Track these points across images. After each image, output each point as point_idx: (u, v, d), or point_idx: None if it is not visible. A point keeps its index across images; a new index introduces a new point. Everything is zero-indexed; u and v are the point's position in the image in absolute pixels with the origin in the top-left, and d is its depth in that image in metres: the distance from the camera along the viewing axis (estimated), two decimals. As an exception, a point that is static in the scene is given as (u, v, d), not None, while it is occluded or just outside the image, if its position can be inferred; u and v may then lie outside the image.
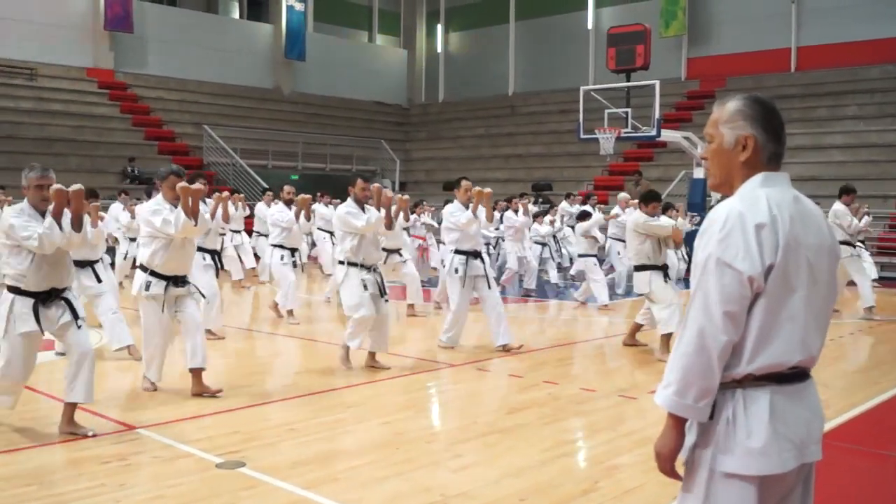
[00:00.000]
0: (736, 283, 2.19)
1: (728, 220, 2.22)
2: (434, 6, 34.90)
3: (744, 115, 2.39)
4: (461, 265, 8.52)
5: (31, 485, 4.55)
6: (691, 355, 2.22)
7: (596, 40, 28.95)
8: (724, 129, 2.40)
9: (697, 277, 2.25)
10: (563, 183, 23.98)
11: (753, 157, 2.38)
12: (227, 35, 29.19)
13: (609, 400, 6.74)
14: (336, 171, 26.56)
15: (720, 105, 2.46)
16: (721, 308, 2.19)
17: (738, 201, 2.29)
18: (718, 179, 2.45)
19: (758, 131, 2.38)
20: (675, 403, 2.25)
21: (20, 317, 5.26)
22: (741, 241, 2.20)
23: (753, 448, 2.26)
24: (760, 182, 2.35)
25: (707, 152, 2.48)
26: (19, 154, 20.83)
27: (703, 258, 2.24)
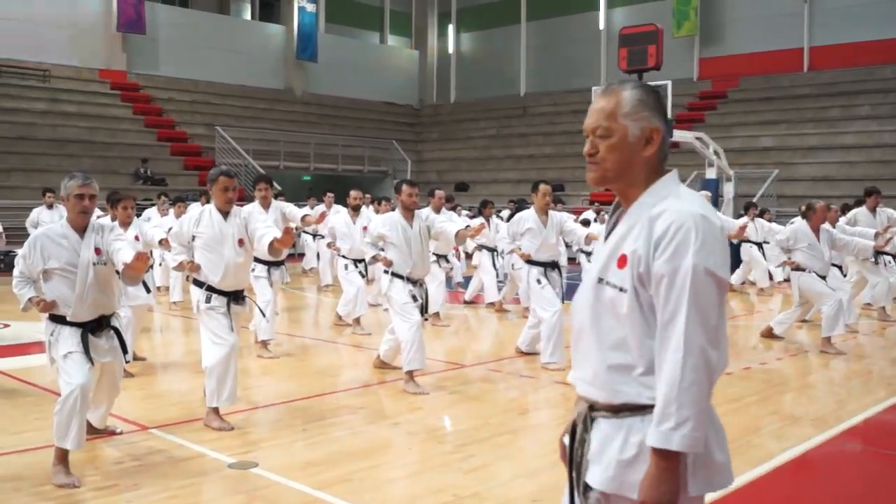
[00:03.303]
0: (718, 293, 2.03)
1: (699, 225, 2.02)
2: (445, 7, 34.90)
3: (647, 105, 2.16)
4: (542, 276, 8.03)
5: (46, 485, 4.57)
6: (700, 382, 1.97)
7: (608, 40, 28.88)
8: (626, 122, 2.15)
9: (676, 292, 1.99)
10: (575, 184, 23.94)
11: (656, 153, 2.17)
12: (239, 36, 29.27)
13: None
14: (348, 171, 26.59)
15: (610, 94, 2.19)
16: (714, 321, 2.01)
17: (688, 203, 2.09)
18: (611, 175, 2.19)
19: (661, 124, 2.18)
20: (695, 440, 1.97)
21: (64, 339, 4.76)
22: (717, 247, 2.04)
23: (720, 462, 2.12)
24: (677, 181, 2.20)
25: (597, 146, 2.19)
26: (33, 155, 21.00)
27: (683, 268, 1.99)
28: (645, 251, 2.05)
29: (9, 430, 5.69)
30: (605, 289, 2.13)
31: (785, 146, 22.89)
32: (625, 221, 2.16)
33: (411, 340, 6.82)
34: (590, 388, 2.18)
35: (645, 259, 2.05)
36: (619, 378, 2.10)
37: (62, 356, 4.73)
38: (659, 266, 2.02)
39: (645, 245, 2.06)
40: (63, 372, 4.71)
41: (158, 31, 26.93)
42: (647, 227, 2.07)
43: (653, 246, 2.04)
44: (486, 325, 11.23)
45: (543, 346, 7.88)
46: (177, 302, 12.10)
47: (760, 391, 7.14)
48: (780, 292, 14.33)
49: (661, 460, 2.00)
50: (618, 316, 2.11)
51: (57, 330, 4.78)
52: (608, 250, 2.16)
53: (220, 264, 5.79)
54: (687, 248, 2.00)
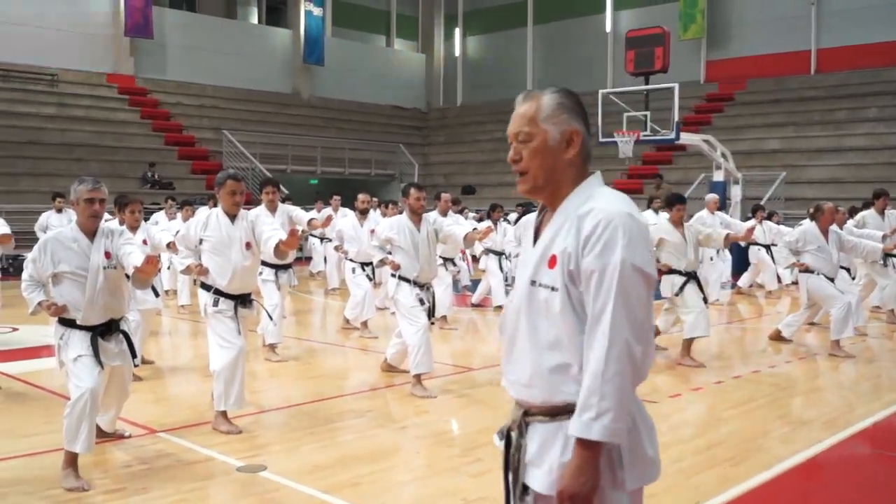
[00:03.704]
0: (646, 289, 2.08)
1: (625, 223, 2.06)
2: (452, 10, 34.94)
3: (566, 108, 2.21)
4: None
5: (55, 488, 4.58)
6: (622, 374, 2.01)
7: (614, 43, 28.85)
8: (546, 126, 2.19)
9: (605, 287, 2.03)
10: (582, 186, 23.90)
11: (579, 155, 2.21)
12: (246, 40, 29.33)
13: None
14: (355, 174, 26.63)
15: (529, 100, 2.24)
16: (641, 316, 2.05)
17: (615, 202, 2.12)
18: (540, 182, 2.23)
19: (580, 126, 2.22)
20: (614, 431, 2.01)
21: (73, 343, 4.77)
22: (643, 244, 2.09)
23: (651, 456, 2.18)
24: (601, 182, 2.24)
25: (522, 152, 2.23)
26: (41, 159, 21.09)
27: (612, 264, 2.03)
28: (574, 249, 2.10)
29: (18, 434, 5.71)
30: (538, 290, 2.17)
31: (792, 148, 22.84)
32: (553, 223, 2.21)
33: (419, 344, 6.82)
34: (526, 390, 2.21)
35: (574, 256, 2.10)
36: (557, 378, 2.14)
37: (72, 359, 4.74)
38: (588, 263, 2.07)
39: (574, 243, 2.10)
40: (73, 375, 4.72)
41: (166, 36, 27.01)
42: (575, 225, 2.11)
43: (581, 243, 2.09)
44: (494, 328, 11.21)
45: None
46: (185, 305, 12.12)
47: (769, 394, 7.11)
48: (789, 295, 14.28)
49: (583, 450, 2.04)
50: (551, 316, 2.14)
51: (67, 333, 4.79)
52: (538, 252, 2.20)
53: (228, 268, 5.80)
54: (615, 244, 2.04)
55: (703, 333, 8.23)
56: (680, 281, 8.26)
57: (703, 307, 8.26)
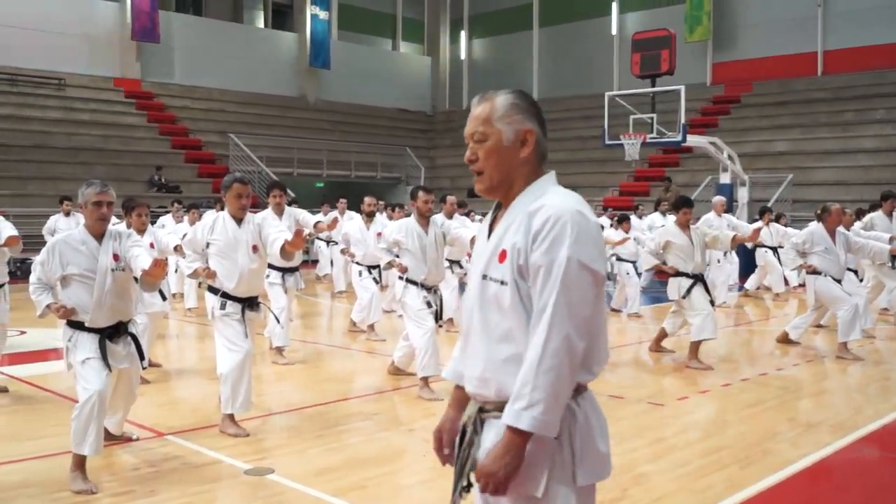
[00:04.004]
0: (593, 286, 2.10)
1: (574, 220, 2.09)
2: (458, 13, 34.96)
3: (519, 108, 2.25)
4: None
5: (63, 491, 4.59)
6: (558, 368, 2.03)
7: (620, 46, 28.84)
8: (500, 125, 2.23)
9: (550, 282, 2.06)
10: (589, 189, 23.89)
11: (533, 154, 2.25)
12: (253, 44, 29.39)
13: (637, 407, 6.69)
14: (361, 178, 26.66)
15: (484, 101, 2.29)
16: (583, 313, 2.07)
17: (566, 200, 2.16)
18: (496, 181, 2.26)
19: (534, 125, 2.26)
20: (544, 424, 2.04)
21: (82, 345, 4.79)
22: (592, 241, 2.11)
23: (604, 452, 2.21)
24: (554, 181, 2.27)
25: (478, 152, 2.26)
26: (48, 163, 21.16)
27: (558, 260, 2.06)
28: (524, 244, 2.13)
29: (25, 437, 5.73)
30: (489, 285, 2.20)
31: (799, 150, 22.78)
32: (505, 219, 2.24)
33: (426, 346, 6.82)
34: (481, 384, 2.24)
35: (524, 251, 2.13)
36: (509, 371, 2.14)
37: (80, 362, 4.75)
38: (536, 258, 2.10)
39: (523, 238, 2.13)
40: (80, 378, 4.73)
41: (172, 40, 27.09)
42: (525, 221, 2.14)
43: (531, 239, 2.12)
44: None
45: None
46: (191, 308, 12.15)
47: (777, 397, 7.09)
48: (796, 297, 14.24)
49: (511, 435, 2.07)
50: (502, 310, 2.17)
51: (75, 336, 4.81)
52: (490, 247, 2.23)
53: (235, 271, 5.80)
54: (562, 241, 2.08)
55: (710, 336, 8.22)
56: (687, 283, 8.25)
57: (710, 310, 8.24)
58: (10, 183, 19.53)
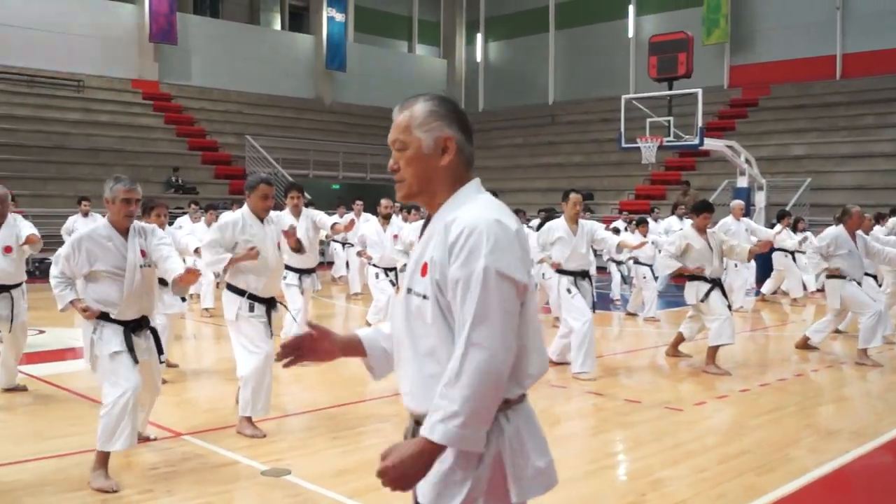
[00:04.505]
0: (514, 296, 2.02)
1: (490, 230, 2.02)
2: (474, 16, 34.97)
3: (439, 115, 2.18)
4: (572, 285, 8.00)
5: (80, 490, 4.61)
6: (478, 382, 1.95)
7: (637, 49, 28.78)
8: (419, 133, 2.17)
9: (469, 295, 1.98)
10: (605, 192, 23.86)
11: (455, 161, 2.18)
12: (269, 46, 29.50)
13: (654, 412, 6.66)
14: (376, 180, 26.66)
15: (405, 108, 2.23)
16: (505, 325, 1.99)
17: (483, 209, 2.08)
18: (415, 189, 2.21)
19: (456, 132, 2.19)
20: (460, 437, 1.96)
21: (108, 338, 4.79)
22: (510, 250, 2.03)
23: (541, 467, 2.14)
24: (478, 189, 2.20)
25: (398, 161, 2.21)
26: (67, 164, 21.31)
27: (476, 272, 1.98)
28: (441, 257, 2.06)
29: (45, 436, 5.76)
30: (412, 298, 2.13)
31: (818, 154, 22.63)
32: (428, 231, 2.18)
33: None
34: (412, 399, 2.18)
35: (441, 265, 2.06)
36: (435, 386, 2.06)
37: (108, 355, 4.74)
38: (454, 271, 2.02)
39: (441, 251, 2.06)
40: (110, 373, 4.72)
41: (190, 42, 27.24)
42: (443, 233, 2.08)
43: (447, 252, 2.05)
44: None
45: (574, 355, 7.83)
46: (208, 309, 12.18)
47: (796, 403, 7.04)
48: (814, 302, 14.14)
49: (425, 444, 1.99)
50: (425, 325, 2.11)
51: (100, 327, 4.80)
52: (414, 260, 2.17)
53: (265, 270, 5.83)
54: (479, 252, 2.00)
55: (728, 341, 8.17)
56: (705, 287, 8.20)
57: (728, 314, 8.19)
58: (30, 183, 19.66)
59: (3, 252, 6.58)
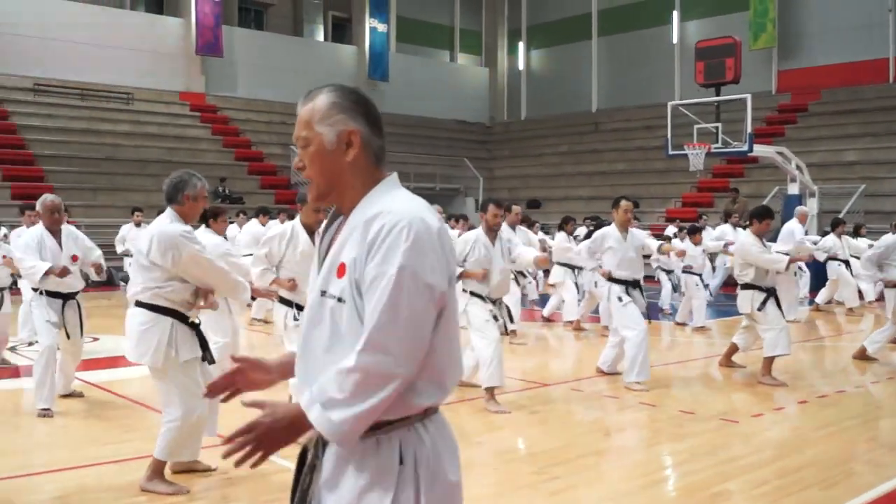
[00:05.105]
0: (427, 302, 1.88)
1: (412, 227, 1.88)
2: (516, 24, 34.93)
3: (341, 107, 2.05)
4: (623, 293, 7.86)
5: (140, 495, 4.65)
6: (369, 384, 1.84)
7: (681, 54, 28.49)
8: (321, 128, 2.04)
9: (378, 294, 1.86)
10: (651, 200, 23.62)
11: (361, 155, 2.05)
12: (312, 57, 29.75)
13: (709, 423, 6.53)
14: (420, 189, 26.69)
15: (307, 102, 2.10)
16: (414, 331, 1.86)
17: (406, 205, 1.96)
18: (323, 188, 2.08)
19: (361, 125, 2.05)
20: (334, 430, 1.87)
21: (184, 342, 4.74)
22: (432, 251, 1.90)
23: (454, 481, 2.02)
24: (396, 185, 2.07)
25: (303, 159, 2.07)
26: (118, 175, 21.70)
27: (389, 271, 1.85)
28: (360, 256, 1.93)
29: (101, 441, 5.82)
30: (326, 301, 2.00)
31: (871, 160, 22.10)
32: (345, 229, 2.04)
33: (490, 357, 6.76)
34: None
35: (360, 264, 1.93)
36: None
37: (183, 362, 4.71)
38: (370, 269, 1.90)
39: (359, 250, 1.94)
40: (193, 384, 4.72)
41: (235, 54, 27.58)
42: (362, 231, 1.95)
43: (366, 250, 1.92)
44: (564, 343, 11.10)
45: (628, 365, 7.72)
46: (257, 319, 12.27)
47: (857, 416, 6.85)
48: (871, 312, 13.80)
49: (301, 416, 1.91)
50: (339, 329, 1.97)
51: (175, 331, 4.74)
52: (328, 261, 2.04)
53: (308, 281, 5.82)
54: (397, 249, 1.87)
55: (784, 351, 7.98)
56: (761, 297, 8.03)
57: (784, 324, 8.02)
58: (83, 194, 20.05)
59: (72, 261, 6.68)
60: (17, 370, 8.59)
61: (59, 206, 6.77)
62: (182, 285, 4.75)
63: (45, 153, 21.44)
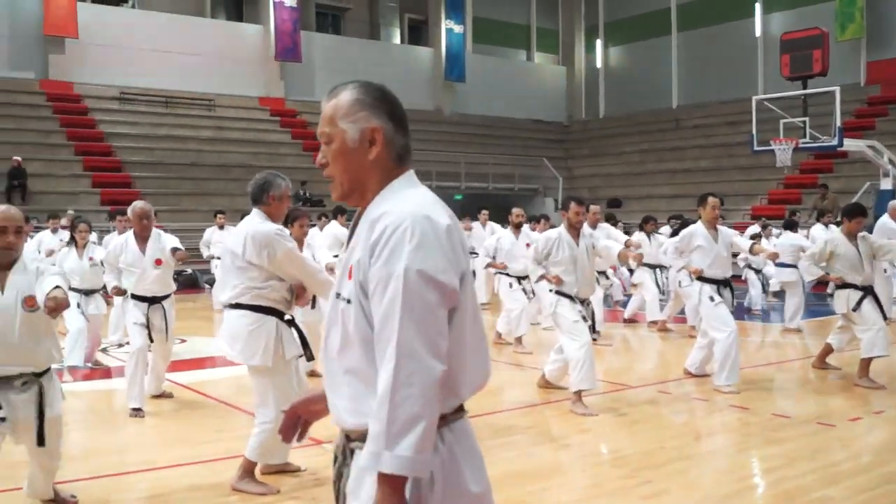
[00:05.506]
0: (439, 300, 1.82)
1: (417, 226, 1.83)
2: (593, 21, 34.55)
3: (364, 104, 2.01)
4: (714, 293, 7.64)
5: (232, 495, 4.71)
6: (419, 397, 1.75)
7: (765, 47, 27.75)
8: (344, 125, 2.00)
9: (389, 299, 1.80)
10: (735, 198, 23.02)
11: (384, 154, 2.00)
12: (390, 60, 29.97)
13: (805, 427, 6.29)
14: (498, 190, 26.67)
15: (330, 97, 2.06)
16: (435, 329, 1.80)
17: (412, 204, 1.90)
18: (346, 187, 2.03)
19: (384, 122, 2.01)
20: (415, 463, 1.75)
21: (289, 340, 4.81)
22: (437, 249, 1.84)
23: (475, 493, 1.92)
24: (410, 182, 2.01)
25: (326, 155, 2.04)
26: (201, 180, 22.23)
27: (396, 272, 1.80)
28: (364, 258, 1.88)
29: (192, 441, 5.93)
30: (339, 303, 1.96)
31: (968, 153, 21.14)
32: (357, 231, 1.99)
33: (581, 360, 6.64)
34: (340, 413, 1.98)
35: (364, 266, 1.88)
36: (362, 399, 1.90)
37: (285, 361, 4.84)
38: (374, 272, 1.84)
39: (363, 251, 1.89)
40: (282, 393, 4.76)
41: (313, 59, 27.98)
42: (367, 232, 1.90)
43: (370, 251, 1.86)
44: (649, 344, 10.88)
45: (718, 367, 7.51)
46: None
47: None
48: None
49: (381, 484, 1.78)
50: (347, 331, 1.92)
51: None
52: (343, 262, 1.99)
53: None
54: (401, 250, 1.81)
55: (882, 353, 7.65)
56: (856, 296, 7.71)
57: (882, 324, 7.68)
58: (168, 199, 20.59)
59: (154, 265, 6.84)
60: (108, 371, 8.85)
61: (147, 212, 6.94)
62: (280, 283, 4.79)
63: (132, 160, 22.13)
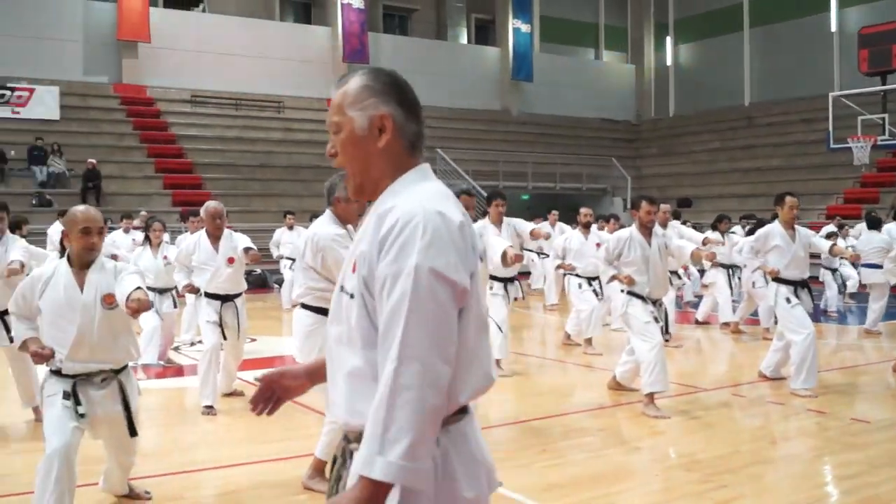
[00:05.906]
0: (450, 300, 1.73)
1: (428, 222, 1.74)
2: (662, 18, 34.05)
3: (372, 90, 1.91)
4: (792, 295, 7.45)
5: (302, 493, 4.74)
6: (421, 400, 1.66)
7: (841, 42, 26.95)
8: (352, 112, 1.91)
9: (397, 297, 1.70)
10: (811, 197, 22.41)
11: (394, 142, 1.91)
12: (457, 61, 30.01)
13: (886, 433, 6.07)
14: (566, 189, 26.45)
15: (339, 85, 1.95)
16: (444, 331, 1.72)
17: (424, 198, 1.81)
18: (358, 178, 1.94)
19: (393, 108, 1.91)
20: (407, 471, 1.65)
21: None
22: (449, 246, 1.75)
23: (469, 498, 1.83)
24: (424, 175, 1.92)
25: (335, 145, 1.95)
26: (271, 181, 22.57)
27: (406, 270, 1.71)
28: (370, 252, 1.79)
29: (261, 440, 5.98)
30: (343, 297, 1.88)
31: None
32: (364, 223, 1.90)
33: (654, 361, 6.52)
34: (339, 411, 1.89)
35: (370, 261, 1.79)
36: (359, 398, 1.81)
37: None
38: (382, 268, 1.75)
39: (370, 245, 1.79)
40: None
41: (381, 60, 28.11)
42: (375, 225, 1.80)
43: (377, 246, 1.77)
44: (721, 346, 10.64)
45: (795, 370, 7.29)
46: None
47: None
48: None
49: (364, 489, 1.67)
50: (349, 326, 1.84)
51: None
52: (348, 256, 1.91)
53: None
54: (412, 247, 1.72)
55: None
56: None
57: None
58: (238, 200, 20.96)
59: (227, 263, 6.94)
60: (180, 369, 9.00)
61: (220, 212, 7.05)
62: None
63: (203, 161, 22.60)
